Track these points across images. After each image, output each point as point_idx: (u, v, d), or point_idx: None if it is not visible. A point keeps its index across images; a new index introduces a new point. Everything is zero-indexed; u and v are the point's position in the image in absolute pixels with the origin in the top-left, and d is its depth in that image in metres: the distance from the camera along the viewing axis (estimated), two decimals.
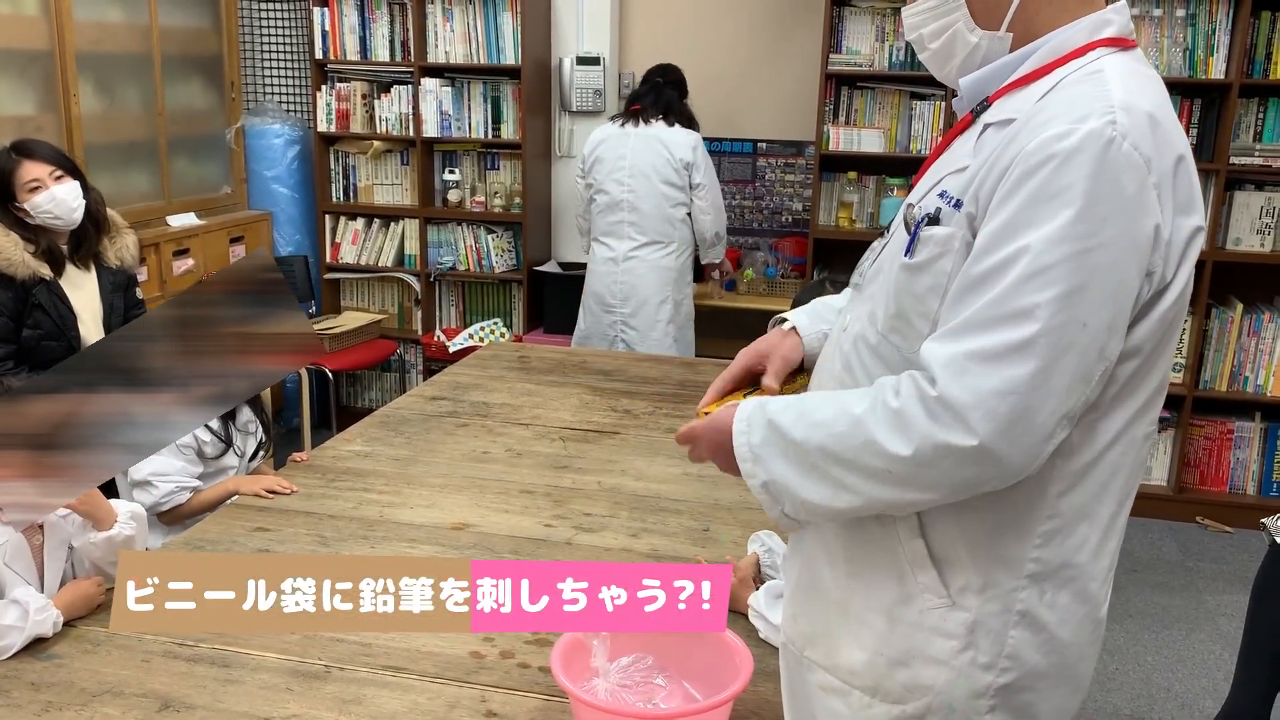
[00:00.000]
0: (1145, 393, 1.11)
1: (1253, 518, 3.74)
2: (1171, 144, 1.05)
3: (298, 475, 2.41)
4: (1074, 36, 1.12)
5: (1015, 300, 1.00)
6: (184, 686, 1.58)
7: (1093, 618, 1.16)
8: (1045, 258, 0.99)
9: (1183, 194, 1.06)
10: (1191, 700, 3.03)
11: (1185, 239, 1.07)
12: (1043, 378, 0.99)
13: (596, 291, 4.07)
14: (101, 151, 4.10)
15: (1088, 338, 1.00)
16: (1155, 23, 4.11)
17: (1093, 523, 1.12)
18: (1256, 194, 4.16)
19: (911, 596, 1.14)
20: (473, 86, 4.76)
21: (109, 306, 2.85)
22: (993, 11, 1.15)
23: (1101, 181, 0.99)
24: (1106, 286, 1.00)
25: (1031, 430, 1.00)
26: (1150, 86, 1.10)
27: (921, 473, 1.04)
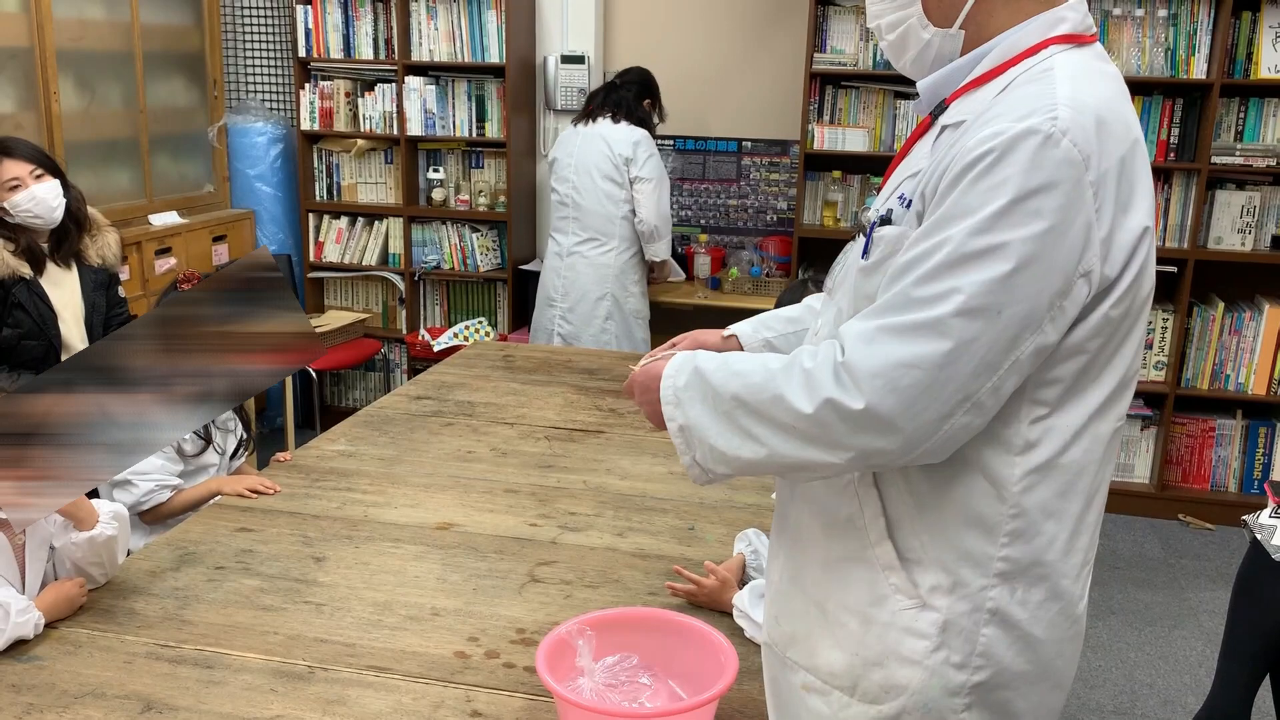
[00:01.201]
0: (1101, 391, 1.11)
1: (1234, 515, 3.77)
2: (1116, 142, 1.06)
3: (281, 475, 2.40)
4: (1027, 35, 1.13)
5: (933, 284, 1.03)
6: (167, 688, 1.57)
7: (1068, 614, 1.16)
8: (968, 245, 1.01)
9: (1125, 193, 1.06)
10: (1174, 696, 3.05)
11: (1132, 240, 1.07)
12: (950, 358, 1.02)
13: (543, 284, 4.18)
14: (82, 149, 4.07)
15: (1001, 326, 1.02)
16: (1137, 23, 4.13)
17: (1060, 520, 1.13)
18: (1237, 193, 4.19)
19: (884, 598, 1.15)
20: (457, 85, 4.74)
21: (90, 305, 2.84)
22: (946, 10, 1.16)
23: (1034, 176, 1.01)
24: (1028, 280, 1.01)
25: (930, 407, 1.03)
26: (1102, 83, 1.11)
27: (821, 432, 1.07)
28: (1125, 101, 1.12)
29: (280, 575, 1.93)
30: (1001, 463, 1.09)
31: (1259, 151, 4.11)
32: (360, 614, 1.80)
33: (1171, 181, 4.23)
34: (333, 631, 1.74)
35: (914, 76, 1.23)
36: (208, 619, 1.77)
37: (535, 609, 1.82)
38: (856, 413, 1.04)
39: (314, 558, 2.00)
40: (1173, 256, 4.23)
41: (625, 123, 3.99)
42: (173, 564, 1.97)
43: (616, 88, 4.07)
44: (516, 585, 1.91)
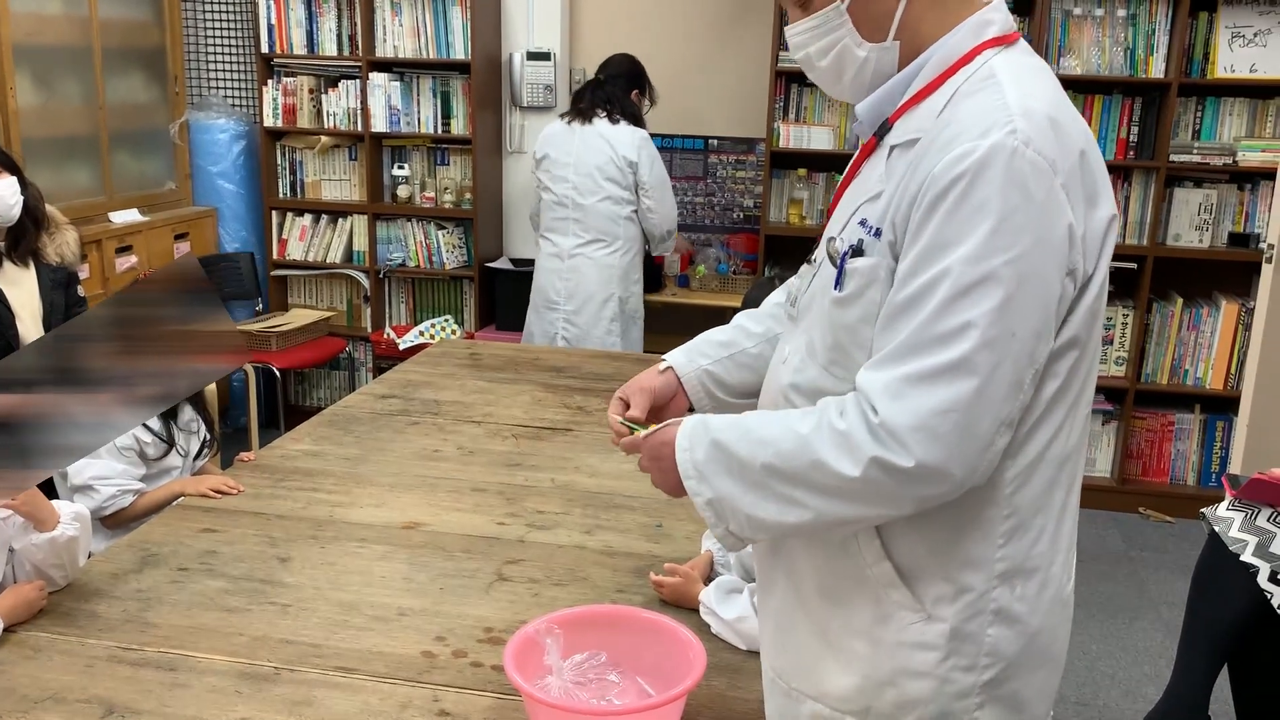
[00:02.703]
0: (1080, 380, 1.13)
1: (1193, 508, 3.82)
2: (1072, 140, 1.07)
3: (245, 475, 2.37)
4: (960, 43, 1.13)
5: (945, 320, 1.02)
6: (129, 691, 1.55)
7: (1059, 599, 1.19)
8: (969, 275, 1.01)
9: (1089, 186, 1.08)
10: (1134, 687, 3.10)
11: (1101, 231, 1.09)
12: (981, 393, 1.02)
13: (541, 287, 4.07)
14: (40, 146, 4.01)
15: (1018, 346, 1.03)
16: (1096, 22, 4.18)
17: (1048, 513, 1.15)
18: (1195, 191, 4.25)
19: (888, 616, 1.15)
20: (422, 81, 4.72)
21: (49, 304, 2.79)
22: (878, 22, 1.14)
23: (1012, 192, 1.01)
24: (1032, 294, 1.02)
25: (974, 442, 1.03)
26: (1042, 82, 1.12)
27: (872, 490, 1.06)
28: (1064, 94, 1.14)
29: (245, 576, 1.91)
30: (998, 466, 1.10)
31: (1216, 150, 4.17)
32: (326, 614, 1.78)
33: (1131, 179, 4.29)
34: (298, 632, 1.73)
35: (853, 99, 1.21)
36: (171, 621, 1.75)
37: (503, 608, 1.82)
38: (908, 470, 1.03)
39: (279, 558, 1.98)
40: (1132, 253, 4.29)
41: (624, 122, 3.94)
42: (135, 566, 1.95)
43: (603, 83, 4.00)
44: (484, 584, 1.90)
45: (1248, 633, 2.42)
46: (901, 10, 1.13)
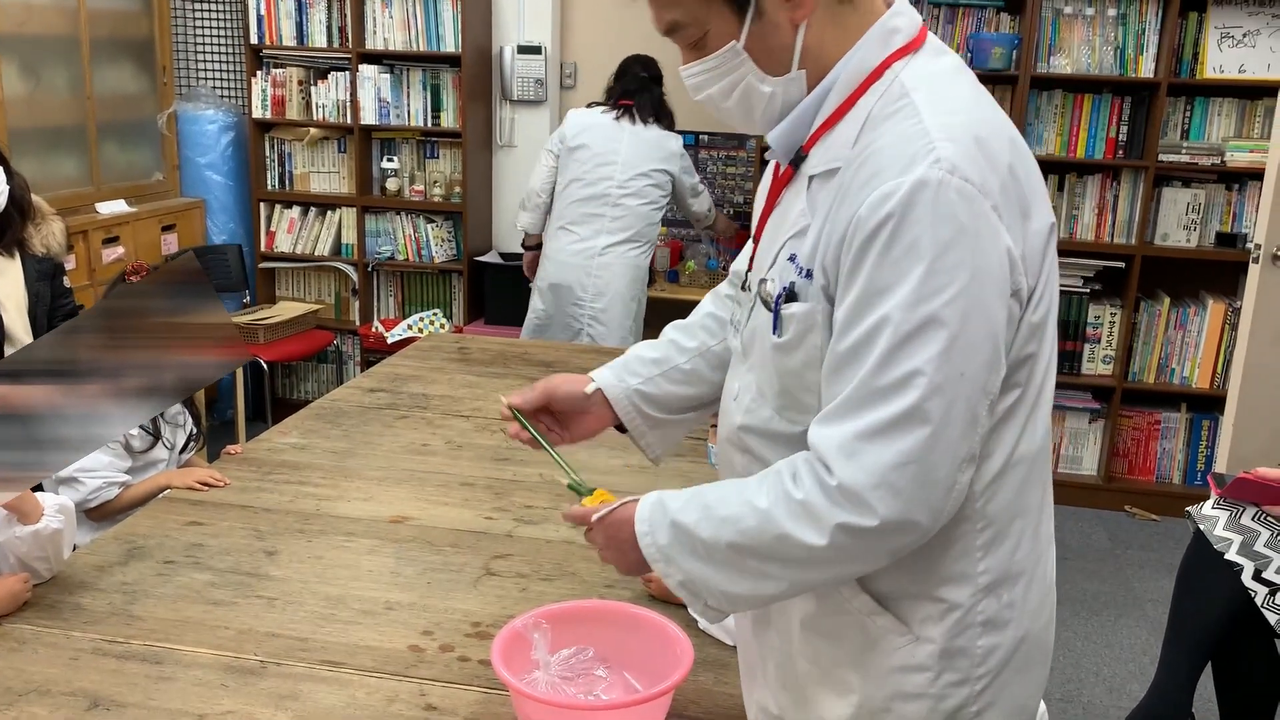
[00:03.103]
0: (1038, 383, 1.10)
1: (1178, 506, 3.84)
2: (999, 155, 1.02)
3: (232, 468, 2.37)
4: (866, 58, 1.08)
5: (890, 370, 0.99)
6: (114, 684, 1.55)
7: (1045, 596, 1.18)
8: (909, 321, 0.98)
9: (1021, 200, 1.03)
10: (1119, 684, 3.11)
11: (1041, 244, 1.06)
12: (935, 439, 0.99)
13: (565, 282, 3.94)
14: (27, 136, 3.98)
15: (969, 384, 0.99)
16: (1087, 21, 4.19)
17: (1026, 516, 1.13)
18: (1183, 191, 4.27)
19: (876, 642, 1.13)
20: (412, 74, 4.70)
21: (34, 295, 2.77)
22: (778, 55, 1.09)
23: (942, 228, 0.97)
24: (976, 329, 0.99)
25: (935, 488, 1.01)
26: (958, 89, 1.07)
27: (843, 554, 1.03)
28: (982, 93, 1.09)
29: (231, 569, 1.90)
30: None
31: (1204, 150, 4.19)
32: (313, 608, 1.78)
33: (1119, 179, 4.30)
34: (285, 626, 1.72)
35: (764, 131, 1.16)
36: (157, 614, 1.75)
37: (490, 602, 1.82)
38: (874, 529, 1.00)
39: (266, 552, 1.97)
40: (1120, 252, 4.30)
41: (669, 129, 3.95)
42: (121, 558, 1.94)
43: (649, 83, 3.96)
44: (472, 579, 1.90)
45: (1231, 630, 2.44)
46: (800, 39, 1.08)
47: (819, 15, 1.08)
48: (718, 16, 1.08)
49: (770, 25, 1.08)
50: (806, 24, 1.07)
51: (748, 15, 1.07)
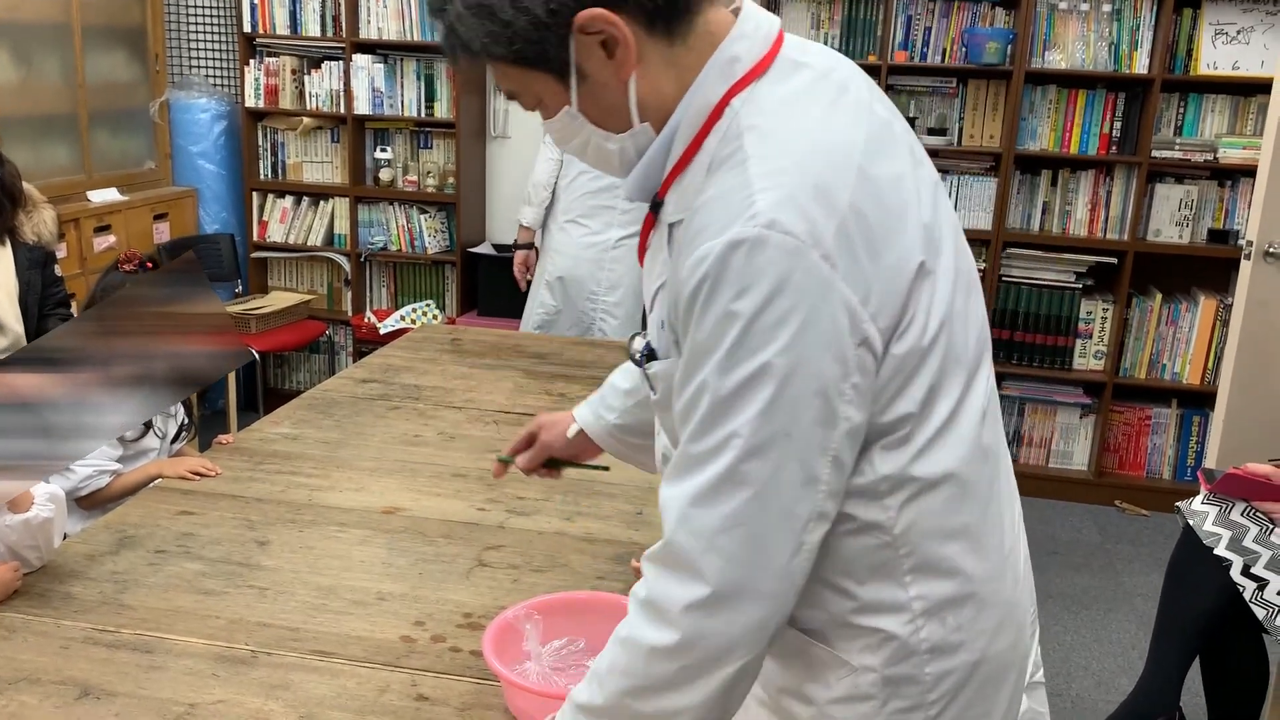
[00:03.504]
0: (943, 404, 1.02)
1: (1168, 502, 3.86)
2: (838, 195, 0.94)
3: (223, 458, 2.36)
4: (707, 96, 1.02)
5: (710, 434, 0.95)
6: (105, 673, 1.54)
7: (1007, 616, 1.10)
8: (725, 385, 0.94)
9: (871, 238, 0.95)
10: (1108, 678, 3.13)
11: (905, 282, 0.97)
12: (760, 502, 0.95)
13: (576, 276, 3.89)
14: (18, 124, 3.96)
15: (798, 444, 0.94)
16: (1081, 17, 4.20)
17: (962, 539, 1.05)
18: (1176, 187, 4.28)
19: (818, 675, 1.09)
20: (406, 64, 4.69)
21: (25, 284, 2.77)
22: (615, 114, 1.04)
23: (758, 288, 0.91)
24: (801, 387, 0.93)
25: (772, 553, 0.96)
26: (798, 118, 1.00)
27: (702, 650, 0.97)
28: (834, 115, 1.00)
29: (222, 559, 1.90)
30: (872, 510, 1.02)
31: (1197, 146, 4.20)
32: (304, 598, 1.78)
33: (1112, 174, 4.31)
34: (276, 616, 1.72)
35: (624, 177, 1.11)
36: (147, 603, 1.74)
37: (482, 593, 1.82)
38: (709, 598, 0.95)
39: (257, 541, 1.97)
40: (1113, 248, 4.31)
41: None
42: (111, 547, 1.93)
43: None
44: (463, 569, 1.90)
45: (1220, 626, 2.45)
46: (633, 93, 1.02)
47: (650, 63, 1.01)
48: (543, 84, 1.04)
49: (598, 85, 1.02)
50: (636, 76, 1.01)
51: (571, 81, 1.03)
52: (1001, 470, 1.11)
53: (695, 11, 1.02)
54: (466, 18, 1.01)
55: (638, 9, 0.99)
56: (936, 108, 4.43)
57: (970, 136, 4.40)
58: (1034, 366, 4.45)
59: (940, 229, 1.04)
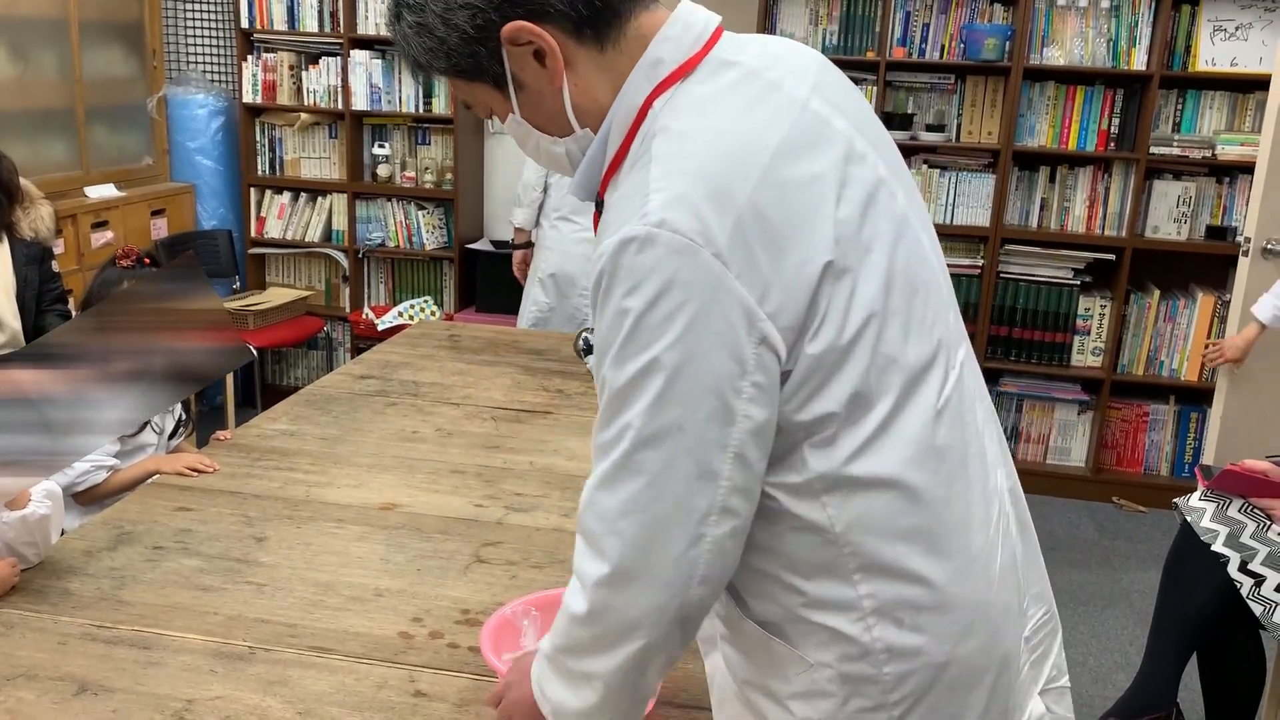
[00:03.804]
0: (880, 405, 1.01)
1: (1166, 498, 3.87)
2: (737, 194, 0.95)
3: (221, 454, 2.36)
4: (634, 98, 1.05)
5: (610, 425, 0.99)
6: (103, 669, 1.54)
7: (968, 617, 1.06)
8: (619, 379, 0.97)
9: (774, 237, 0.96)
10: (1105, 674, 3.13)
11: (811, 282, 0.97)
12: (654, 490, 0.98)
13: (567, 273, 3.90)
14: (15, 119, 3.96)
15: (691, 438, 0.96)
16: (1080, 13, 4.20)
17: (911, 540, 1.03)
18: (1174, 183, 4.28)
19: (779, 670, 1.10)
20: (403, 60, 4.67)
21: (23, 279, 2.77)
22: (555, 119, 1.09)
23: (644, 287, 0.94)
24: (690, 383, 0.95)
25: (669, 540, 0.98)
26: (710, 116, 1.01)
27: (608, 622, 1.03)
28: (749, 115, 1.01)
29: (220, 555, 1.90)
30: (811, 509, 1.02)
31: (1195, 143, 4.20)
32: (302, 594, 1.78)
33: (1111, 171, 4.31)
34: (274, 612, 1.72)
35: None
36: (145, 599, 1.74)
37: (480, 589, 1.82)
38: (610, 576, 1.00)
39: (255, 538, 1.97)
40: (1111, 245, 4.31)
41: None
42: (109, 544, 1.93)
43: None
44: (461, 566, 1.90)
45: (1217, 621, 2.45)
46: (568, 101, 1.06)
47: (581, 70, 1.05)
48: (488, 95, 1.10)
49: (535, 93, 1.07)
50: (569, 82, 1.06)
51: (510, 90, 1.08)
52: (970, 471, 1.08)
53: (625, 16, 1.05)
54: (410, 36, 1.09)
55: (563, 18, 1.02)
56: (935, 104, 4.43)
57: (968, 133, 4.40)
58: (1032, 363, 4.45)
59: (871, 228, 1.02)
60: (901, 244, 1.05)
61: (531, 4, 1.02)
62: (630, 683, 1.07)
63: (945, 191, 4.39)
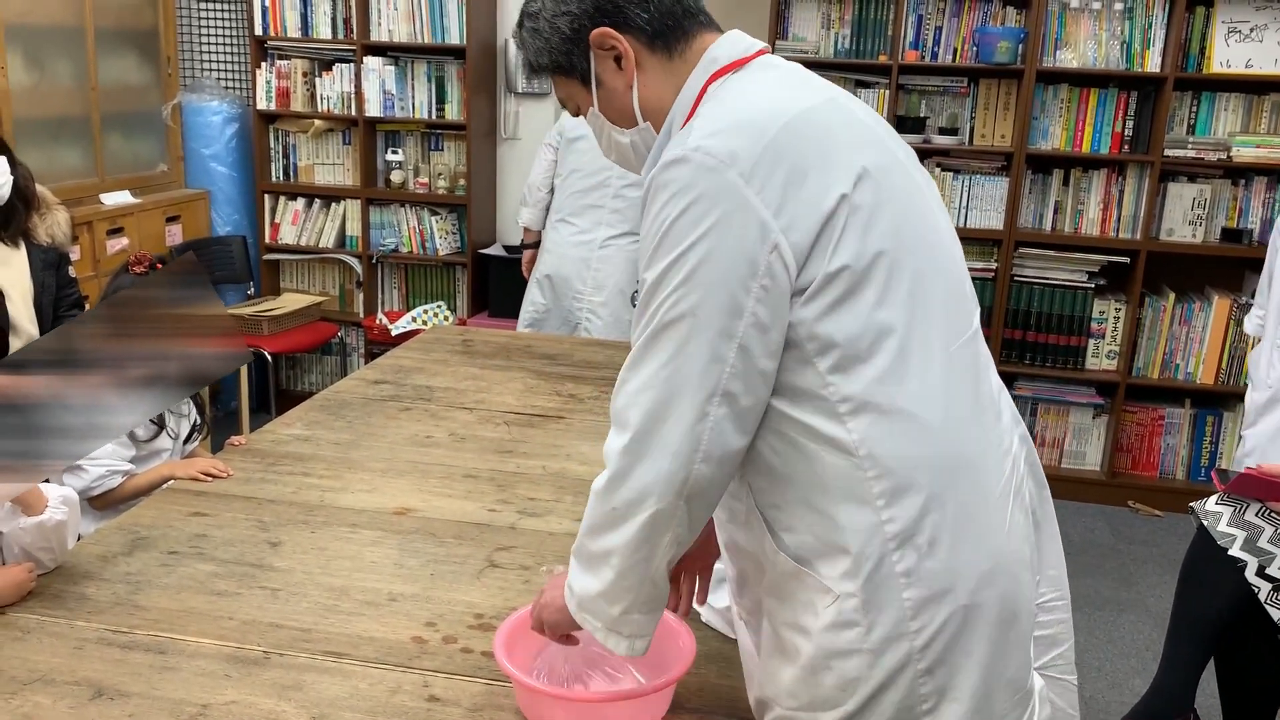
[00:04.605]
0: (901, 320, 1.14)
1: (1182, 502, 3.84)
2: (764, 130, 1.13)
3: (236, 459, 2.37)
4: (694, 86, 1.25)
5: (642, 316, 1.17)
6: (118, 674, 1.55)
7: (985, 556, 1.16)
8: (651, 275, 1.15)
9: (793, 167, 1.12)
10: (1121, 679, 3.11)
11: (826, 209, 1.12)
12: (671, 366, 1.13)
13: (563, 274, 3.92)
14: (31, 126, 3.98)
15: (704, 324, 1.12)
16: (1094, 16, 4.18)
17: (932, 468, 1.14)
18: (1189, 186, 4.26)
19: (810, 604, 1.18)
20: (416, 66, 4.70)
21: (39, 285, 2.78)
22: (624, 114, 1.31)
23: (680, 197, 1.12)
24: (709, 276, 1.11)
25: (678, 412, 1.13)
26: (754, 89, 1.20)
27: (624, 490, 1.17)
28: (778, 92, 1.20)
29: (235, 560, 1.91)
30: (835, 429, 1.14)
31: (1210, 145, 4.18)
32: (316, 599, 1.78)
33: (1125, 173, 4.29)
34: (288, 616, 1.72)
35: (638, 168, 1.36)
36: (160, 604, 1.75)
37: (493, 594, 1.82)
38: (630, 443, 1.15)
39: (269, 542, 1.98)
40: (1125, 247, 4.29)
41: None
42: (125, 549, 1.94)
43: None
44: (475, 570, 1.90)
45: (1234, 627, 2.44)
46: (636, 98, 1.28)
47: (649, 73, 1.28)
48: (578, 91, 1.33)
49: (611, 91, 1.30)
50: (639, 83, 1.28)
51: (592, 87, 1.31)
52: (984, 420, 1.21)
53: (691, 34, 1.28)
54: (527, 39, 1.32)
55: (640, 31, 1.26)
56: (948, 107, 4.42)
57: (981, 136, 4.39)
58: (1046, 366, 4.43)
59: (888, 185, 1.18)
60: (913, 208, 1.20)
61: (617, 15, 1.26)
62: (642, 558, 1.20)
63: (958, 195, 4.38)
